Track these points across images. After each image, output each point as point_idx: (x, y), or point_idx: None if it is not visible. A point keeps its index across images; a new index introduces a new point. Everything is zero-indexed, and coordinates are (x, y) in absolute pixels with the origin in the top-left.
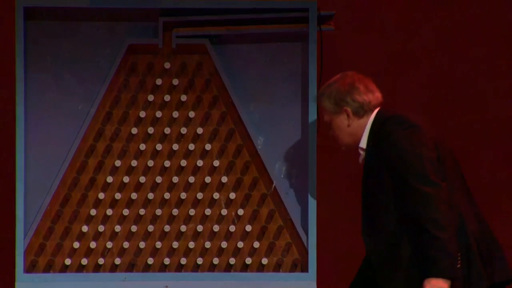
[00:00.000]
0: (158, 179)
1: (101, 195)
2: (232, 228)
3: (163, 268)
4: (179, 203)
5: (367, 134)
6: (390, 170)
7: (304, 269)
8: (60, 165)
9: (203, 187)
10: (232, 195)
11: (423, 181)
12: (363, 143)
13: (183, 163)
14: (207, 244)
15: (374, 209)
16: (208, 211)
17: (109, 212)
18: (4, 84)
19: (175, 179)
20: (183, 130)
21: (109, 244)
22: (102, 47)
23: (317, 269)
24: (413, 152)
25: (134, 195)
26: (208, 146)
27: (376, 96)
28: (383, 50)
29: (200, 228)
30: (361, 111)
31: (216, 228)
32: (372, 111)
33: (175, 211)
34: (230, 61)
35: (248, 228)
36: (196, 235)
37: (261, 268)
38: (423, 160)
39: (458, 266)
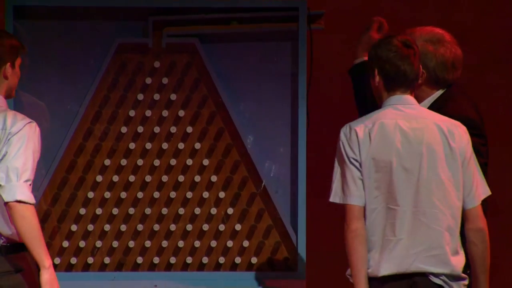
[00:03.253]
0: (148, 178)
1: (90, 194)
2: (221, 227)
3: (152, 267)
4: (168, 202)
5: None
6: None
7: (294, 268)
8: (49, 164)
9: (193, 186)
10: (222, 194)
11: None
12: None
13: (173, 162)
14: (196, 243)
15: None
16: (197, 210)
17: (98, 211)
18: None
19: (164, 178)
20: (173, 129)
21: (98, 243)
22: (91, 46)
23: (306, 268)
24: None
25: (123, 194)
26: (197, 145)
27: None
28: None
29: (189, 227)
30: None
31: (205, 227)
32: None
33: (164, 210)
34: (219, 60)
35: (238, 227)
36: (185, 234)
37: (250, 267)
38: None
39: None
